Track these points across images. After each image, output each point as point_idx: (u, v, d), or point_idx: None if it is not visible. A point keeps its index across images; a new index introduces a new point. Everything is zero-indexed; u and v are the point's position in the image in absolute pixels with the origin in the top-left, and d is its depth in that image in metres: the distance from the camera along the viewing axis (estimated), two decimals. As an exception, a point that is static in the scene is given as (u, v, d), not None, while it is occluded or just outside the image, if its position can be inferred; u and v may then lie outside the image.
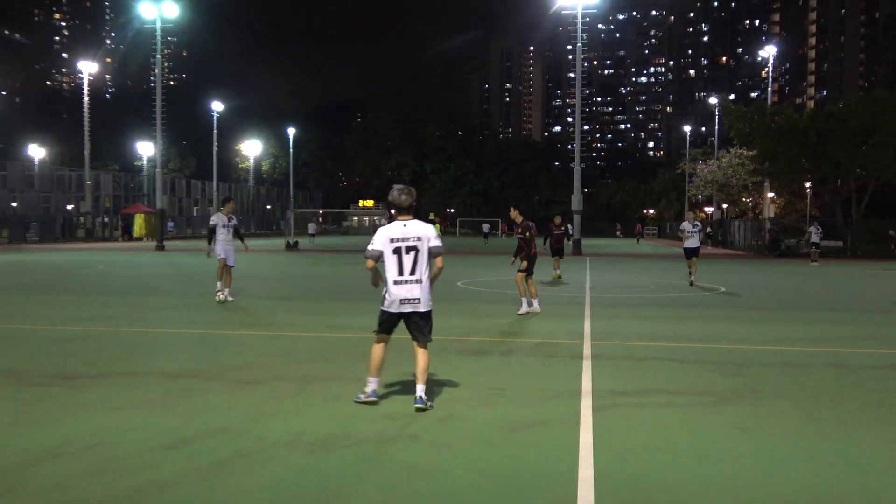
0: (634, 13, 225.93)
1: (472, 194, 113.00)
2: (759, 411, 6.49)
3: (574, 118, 44.34)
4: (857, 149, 45.75)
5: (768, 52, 57.41)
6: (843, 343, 10.49)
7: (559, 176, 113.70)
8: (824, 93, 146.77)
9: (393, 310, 6.41)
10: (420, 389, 6.32)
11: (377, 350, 6.52)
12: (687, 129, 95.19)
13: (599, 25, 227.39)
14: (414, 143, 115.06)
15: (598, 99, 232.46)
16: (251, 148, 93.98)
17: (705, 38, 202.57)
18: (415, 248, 6.39)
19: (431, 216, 71.04)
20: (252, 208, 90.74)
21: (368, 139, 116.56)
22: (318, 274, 24.55)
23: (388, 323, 6.51)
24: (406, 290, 6.35)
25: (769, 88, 62.40)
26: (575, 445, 5.38)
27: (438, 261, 6.55)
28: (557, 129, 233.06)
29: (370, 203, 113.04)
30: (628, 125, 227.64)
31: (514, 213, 13.59)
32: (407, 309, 6.38)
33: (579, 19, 43.51)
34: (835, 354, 9.51)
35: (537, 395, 6.95)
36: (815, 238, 33.89)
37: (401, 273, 6.34)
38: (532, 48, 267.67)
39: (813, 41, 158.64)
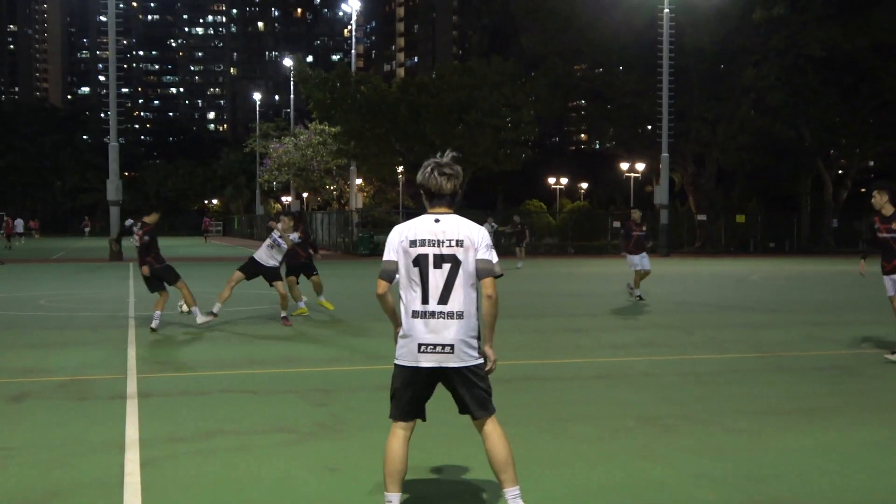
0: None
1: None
2: (349, 445, 6.90)
3: (108, 77, 42.35)
4: (452, 128, 50.24)
5: (352, 6, 60.74)
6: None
7: (90, 154, 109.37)
8: (415, 59, 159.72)
9: (408, 362, 4.92)
10: (513, 496, 4.88)
11: (394, 446, 4.95)
12: (257, 96, 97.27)
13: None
14: None
15: (140, 53, 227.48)
16: None
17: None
18: (452, 259, 4.93)
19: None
20: None
21: None
22: None
23: (406, 390, 4.96)
24: (434, 330, 4.88)
25: (353, 51, 65.85)
26: (118, 515, 5.25)
27: (489, 286, 4.93)
28: (85, 90, 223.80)
29: None
30: (181, 89, 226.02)
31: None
32: (431, 362, 4.87)
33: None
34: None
35: (65, 452, 6.68)
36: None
37: (425, 300, 4.91)
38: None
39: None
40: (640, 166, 66.63)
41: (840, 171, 62.02)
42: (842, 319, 16.63)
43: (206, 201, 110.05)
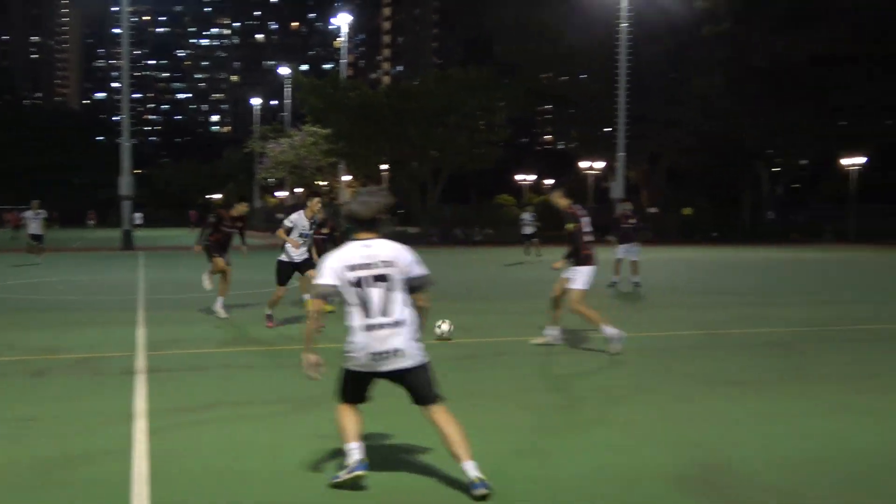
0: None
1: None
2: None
3: (121, 83, 42.21)
4: (433, 130, 50.37)
5: (342, 20, 60.57)
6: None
7: (105, 153, 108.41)
8: (400, 68, 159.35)
9: (361, 367, 5.10)
10: (471, 467, 4.96)
11: (346, 411, 5.22)
12: (256, 101, 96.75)
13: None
14: None
15: (152, 62, 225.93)
16: None
17: (274, 0, 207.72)
18: (384, 278, 5.11)
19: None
20: None
21: None
22: None
23: (356, 387, 5.20)
24: (381, 339, 5.03)
25: (343, 60, 65.73)
26: (127, 479, 5.23)
27: (424, 298, 5.28)
28: (101, 95, 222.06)
29: None
30: (188, 94, 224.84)
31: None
32: (384, 366, 5.06)
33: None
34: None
35: (80, 424, 6.64)
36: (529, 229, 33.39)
37: (368, 314, 5.04)
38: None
39: (388, 12, 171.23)
40: (599, 164, 66.73)
41: (776, 169, 62.40)
42: (776, 301, 16.74)
43: (208, 196, 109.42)
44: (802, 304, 16.24)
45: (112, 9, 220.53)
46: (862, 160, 57.29)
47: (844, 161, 57.93)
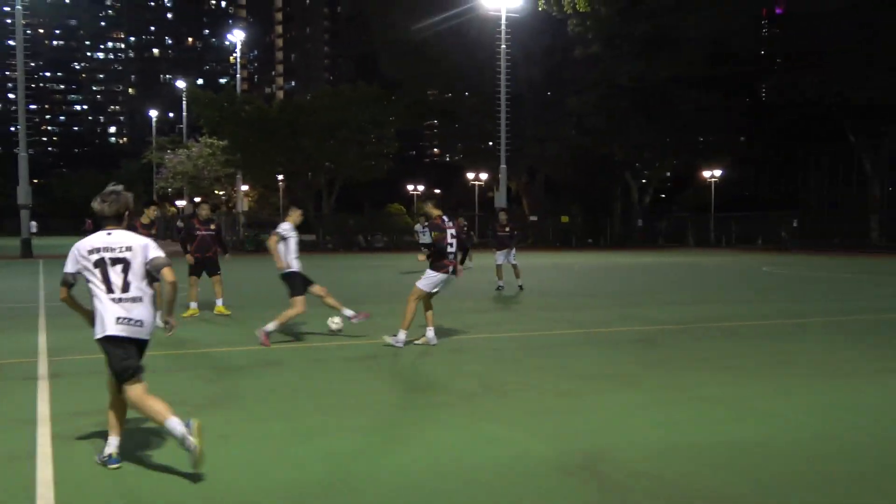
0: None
1: None
2: (237, 416, 6.80)
3: (17, 95, 40.64)
4: (325, 142, 50.18)
5: (236, 36, 59.80)
6: (322, 339, 11.44)
7: (2, 164, 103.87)
8: (293, 83, 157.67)
9: (110, 331, 5.25)
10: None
11: (114, 401, 5.53)
12: (153, 113, 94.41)
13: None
14: None
15: (48, 74, 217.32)
16: None
17: (169, 15, 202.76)
18: (123, 261, 5.36)
19: None
20: None
21: None
22: None
23: (115, 355, 5.31)
24: (125, 308, 5.30)
25: (238, 75, 64.87)
26: (31, 483, 5.04)
27: (168, 273, 5.41)
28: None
29: None
30: (85, 106, 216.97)
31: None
32: (123, 332, 5.26)
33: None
34: (314, 350, 10.36)
35: (-20, 430, 6.34)
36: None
37: (110, 290, 5.29)
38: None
39: (280, 29, 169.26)
40: (484, 175, 67.52)
41: (644, 181, 64.30)
42: (643, 301, 17.25)
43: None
44: (667, 303, 16.78)
45: (6, 20, 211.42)
46: (719, 172, 59.75)
47: (704, 173, 60.29)
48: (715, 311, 15.31)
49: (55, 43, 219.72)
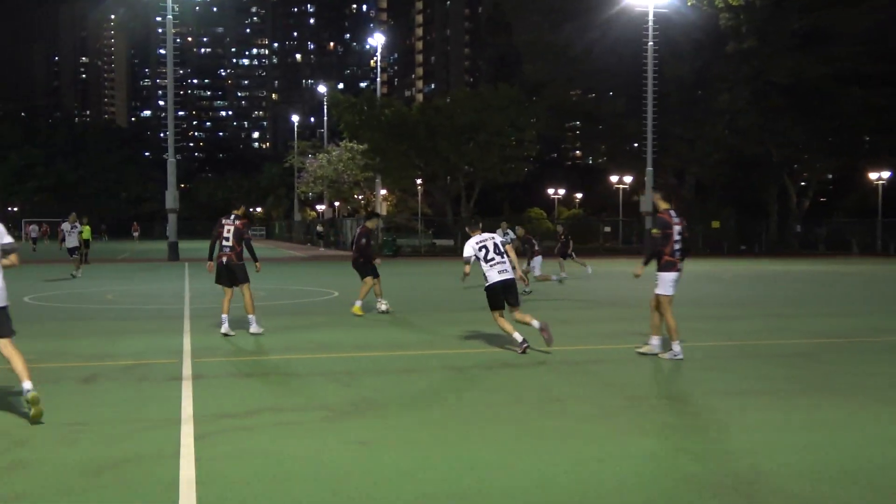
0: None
1: (40, 190, 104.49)
2: (376, 423, 6.89)
3: (166, 102, 42.74)
4: (464, 145, 50.53)
5: (377, 40, 60.89)
6: (454, 345, 11.50)
7: (150, 169, 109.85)
8: (432, 86, 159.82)
9: None
10: (28, 385, 6.81)
11: None
12: (295, 118, 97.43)
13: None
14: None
15: (195, 81, 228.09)
16: None
17: (311, 21, 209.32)
18: None
19: None
20: None
21: None
22: None
23: None
24: None
25: (378, 79, 66.10)
26: (175, 482, 5.25)
27: (15, 258, 7.12)
28: (146, 113, 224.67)
29: None
30: (230, 112, 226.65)
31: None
32: None
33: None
34: (446, 357, 10.42)
35: (128, 428, 6.68)
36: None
37: None
38: (112, 16, 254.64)
39: (420, 32, 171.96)
40: (628, 179, 66.48)
41: (803, 183, 61.76)
42: (802, 312, 16.53)
43: (250, 209, 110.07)
44: (828, 314, 16.01)
45: (157, 30, 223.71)
46: (887, 174, 56.58)
47: (871, 175, 57.26)
48: (881, 323, 14.49)
49: (203, 51, 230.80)
